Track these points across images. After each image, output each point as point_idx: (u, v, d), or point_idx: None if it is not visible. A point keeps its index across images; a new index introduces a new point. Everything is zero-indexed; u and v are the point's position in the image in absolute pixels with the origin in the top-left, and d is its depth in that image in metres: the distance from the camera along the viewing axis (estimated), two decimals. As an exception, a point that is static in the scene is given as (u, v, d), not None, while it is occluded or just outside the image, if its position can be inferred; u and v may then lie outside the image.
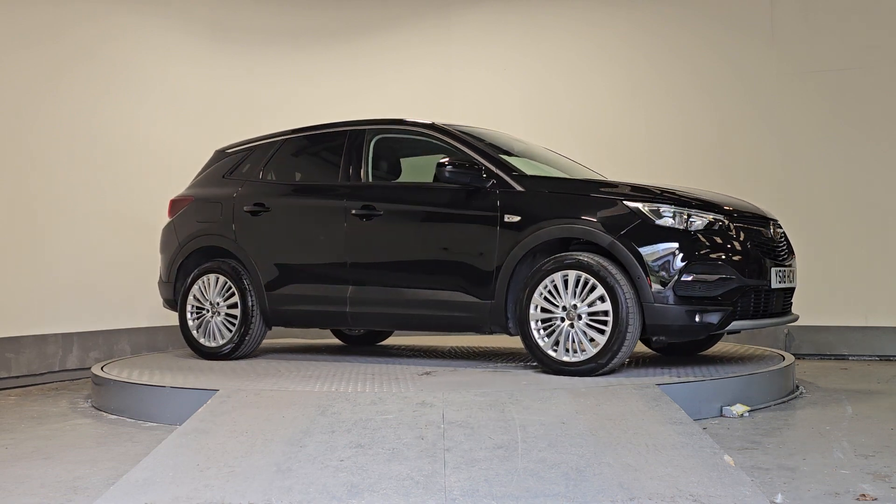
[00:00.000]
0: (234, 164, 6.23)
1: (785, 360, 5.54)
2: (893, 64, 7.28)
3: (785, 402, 5.07)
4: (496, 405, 3.99)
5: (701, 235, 4.73)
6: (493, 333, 5.24)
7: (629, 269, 4.68)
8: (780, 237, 5.28)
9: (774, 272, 5.01)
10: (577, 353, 4.76)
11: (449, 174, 5.08)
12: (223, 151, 6.42)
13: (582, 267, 4.74)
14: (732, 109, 7.75)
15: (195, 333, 5.97)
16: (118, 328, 7.30)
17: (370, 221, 5.45)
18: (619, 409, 3.97)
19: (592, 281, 4.71)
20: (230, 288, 5.87)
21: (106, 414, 5.12)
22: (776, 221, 5.37)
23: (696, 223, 4.75)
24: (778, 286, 5.05)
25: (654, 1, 8.05)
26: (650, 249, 4.66)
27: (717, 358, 5.65)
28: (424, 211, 5.34)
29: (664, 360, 5.55)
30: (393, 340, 7.22)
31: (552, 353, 4.83)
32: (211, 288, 5.93)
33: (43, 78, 6.88)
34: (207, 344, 5.93)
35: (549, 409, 3.93)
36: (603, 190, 4.97)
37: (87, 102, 7.18)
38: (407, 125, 5.74)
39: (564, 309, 4.80)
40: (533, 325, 4.88)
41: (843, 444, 3.96)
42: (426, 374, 5.02)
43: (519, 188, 5.07)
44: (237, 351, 5.85)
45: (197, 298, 5.97)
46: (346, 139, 5.78)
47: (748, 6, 7.74)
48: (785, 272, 5.13)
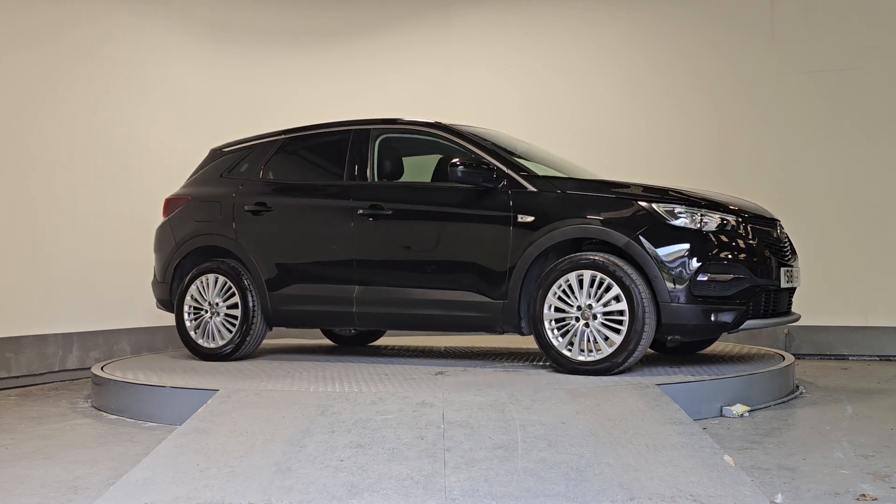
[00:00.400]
0: (231, 162, 6.19)
1: (785, 360, 5.54)
2: (893, 64, 7.28)
3: (785, 402, 5.07)
4: (496, 405, 3.99)
5: (715, 236, 4.79)
6: (504, 333, 5.26)
7: (646, 268, 4.72)
8: (784, 237, 5.34)
9: (783, 272, 5.07)
10: (591, 352, 4.80)
11: (461, 174, 5.10)
12: (219, 150, 6.37)
13: (597, 267, 4.78)
14: (732, 109, 7.75)
15: (193, 334, 5.92)
16: (118, 328, 7.30)
17: (378, 221, 5.44)
18: (619, 409, 3.97)
19: (608, 281, 4.75)
20: (230, 288, 5.82)
21: (106, 414, 5.12)
22: (779, 222, 5.42)
23: (709, 223, 4.81)
24: (786, 286, 5.12)
25: (654, 1, 8.05)
26: (666, 249, 4.72)
27: (717, 358, 5.65)
28: (434, 211, 5.34)
29: (664, 359, 5.55)
30: (385, 341, 7.19)
31: (567, 352, 4.86)
32: (210, 288, 5.88)
33: (43, 78, 6.88)
34: (206, 345, 5.88)
35: (549, 409, 3.93)
36: (616, 190, 5.00)
37: (87, 102, 7.18)
38: (415, 125, 5.73)
39: (579, 308, 4.83)
40: (547, 324, 4.90)
41: (843, 444, 3.96)
42: (439, 373, 5.02)
43: (531, 188, 5.10)
44: (238, 351, 5.81)
45: (195, 299, 5.92)
46: (349, 138, 5.76)
47: (748, 6, 7.74)
48: (791, 272, 5.20)
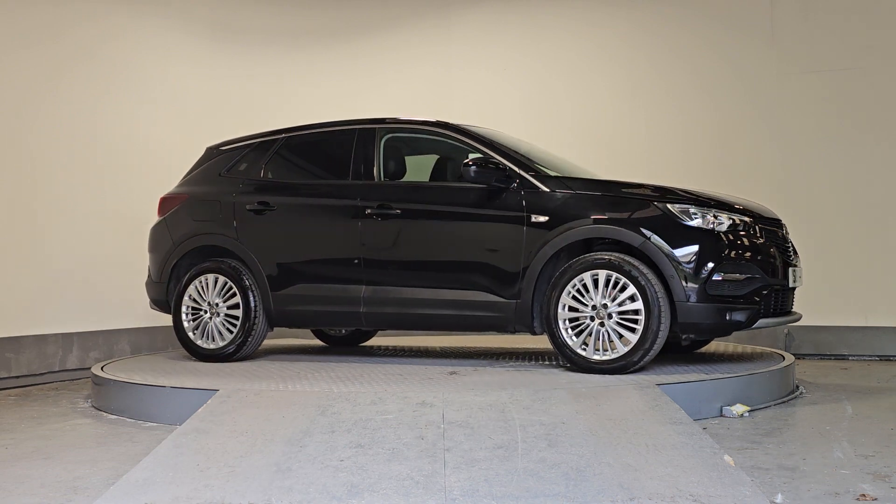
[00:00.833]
0: (230, 161, 6.11)
1: (785, 360, 5.55)
2: (893, 64, 7.28)
3: (785, 402, 5.07)
4: (496, 405, 3.99)
5: (728, 236, 4.85)
6: (515, 332, 5.28)
7: (662, 268, 4.77)
8: (788, 237, 5.41)
9: (790, 271, 5.15)
10: (607, 351, 4.84)
11: (474, 174, 5.12)
12: (216, 149, 6.29)
13: (613, 266, 4.82)
14: (732, 109, 7.75)
15: (192, 335, 5.84)
16: (118, 328, 7.30)
17: (386, 221, 5.42)
18: (619, 409, 3.97)
19: (623, 280, 4.79)
20: (230, 288, 5.76)
21: (106, 414, 5.12)
22: (782, 222, 5.47)
23: (722, 224, 4.87)
24: (792, 285, 5.20)
25: (654, 1, 8.04)
26: (682, 249, 4.77)
27: (717, 358, 5.65)
28: (445, 211, 5.34)
29: (664, 359, 5.55)
30: (376, 341, 7.17)
31: (582, 351, 4.90)
32: (209, 288, 5.81)
33: (43, 78, 6.88)
34: (205, 346, 5.81)
35: (549, 409, 3.93)
36: (629, 191, 5.04)
37: (87, 102, 7.18)
38: (423, 125, 5.73)
39: (594, 308, 4.86)
40: (561, 324, 4.93)
41: (843, 444, 3.96)
42: (452, 373, 5.02)
43: (544, 188, 5.12)
44: (239, 352, 5.76)
45: (193, 299, 5.85)
46: (354, 137, 5.73)
47: (748, 6, 7.74)
48: (796, 272, 5.27)
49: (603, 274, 4.84)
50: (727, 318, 4.78)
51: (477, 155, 5.34)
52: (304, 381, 4.85)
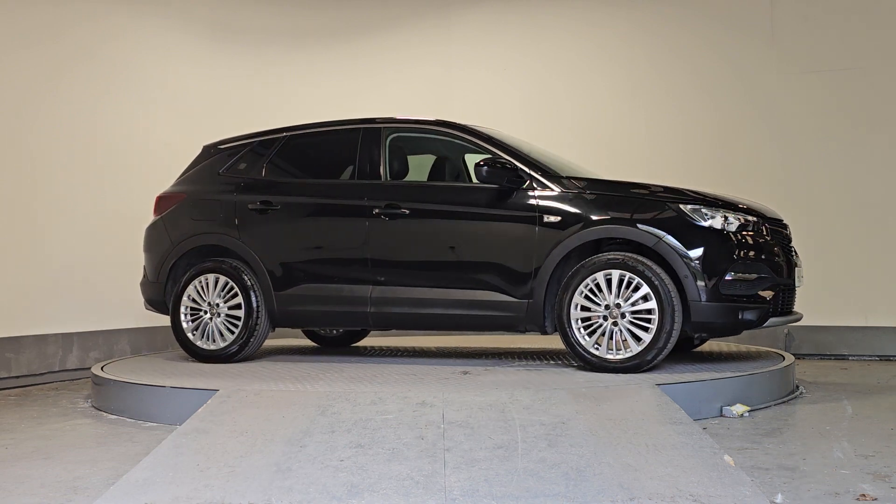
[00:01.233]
0: (229, 160, 6.05)
1: (785, 360, 5.55)
2: (893, 64, 7.28)
3: (785, 402, 5.07)
4: (496, 405, 3.99)
5: (739, 236, 4.91)
6: (526, 332, 5.32)
7: (676, 268, 4.82)
8: (791, 237, 5.46)
9: (795, 271, 5.23)
10: (620, 350, 4.87)
11: (486, 174, 5.14)
12: (214, 147, 6.22)
13: (626, 266, 4.85)
14: (732, 109, 7.75)
15: (191, 336, 5.78)
16: (118, 328, 7.29)
17: (394, 221, 5.40)
18: (619, 409, 3.97)
19: (637, 280, 4.83)
20: (232, 288, 5.71)
21: (106, 414, 5.12)
22: (785, 222, 5.51)
23: (733, 224, 4.92)
24: (797, 285, 5.28)
25: (654, 1, 8.04)
26: (695, 249, 4.83)
27: (717, 358, 5.65)
28: (455, 211, 5.34)
29: (664, 359, 5.54)
30: (368, 341, 7.16)
31: (595, 351, 4.93)
32: (210, 288, 5.76)
33: (43, 78, 6.88)
34: (206, 346, 5.74)
35: (549, 409, 3.93)
36: (640, 191, 5.09)
37: (87, 102, 7.18)
38: (430, 124, 5.72)
39: (607, 308, 4.90)
40: (574, 324, 4.96)
41: (843, 444, 3.96)
42: (465, 373, 5.03)
43: (556, 189, 5.15)
44: (242, 352, 5.70)
45: (193, 299, 5.79)
46: (359, 137, 5.71)
47: (748, 6, 7.74)
48: (799, 271, 5.33)
49: (616, 274, 4.88)
50: (740, 317, 4.84)
51: (486, 155, 5.34)
52: (304, 381, 4.85)
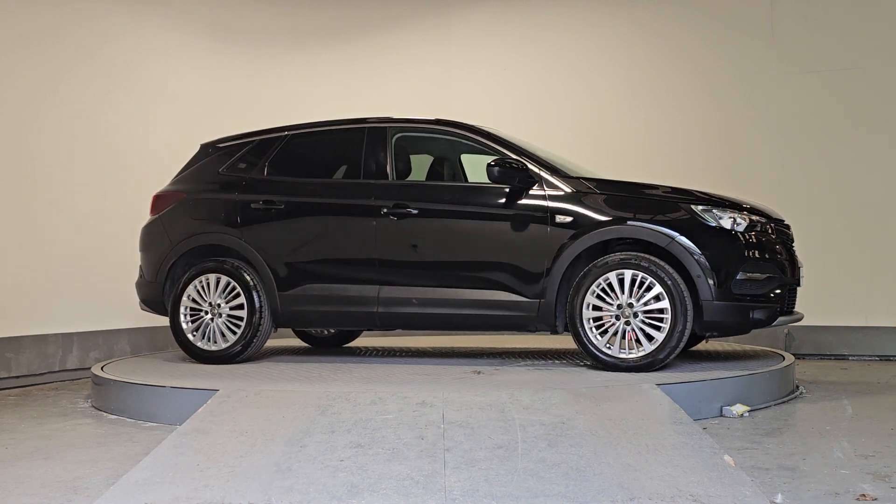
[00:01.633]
0: (228, 159, 5.98)
1: (785, 360, 5.55)
2: (893, 64, 7.28)
3: (785, 402, 5.08)
4: (496, 405, 3.99)
5: (748, 236, 4.97)
6: (537, 332, 5.35)
7: (689, 268, 4.88)
8: (793, 238, 5.50)
9: (799, 270, 5.28)
10: (633, 350, 4.91)
11: (498, 174, 5.16)
12: (213, 146, 6.15)
13: (639, 266, 4.90)
14: (732, 109, 7.75)
15: (192, 337, 5.71)
16: (118, 328, 7.29)
17: (403, 221, 5.39)
18: (619, 409, 3.97)
19: (650, 280, 4.88)
20: (234, 288, 5.65)
21: (106, 414, 5.12)
22: (786, 222, 5.53)
23: (741, 224, 4.98)
24: (800, 284, 5.32)
25: (654, 1, 8.04)
26: (708, 249, 4.89)
27: (717, 358, 5.65)
28: (465, 211, 5.35)
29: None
30: (360, 342, 7.16)
31: (608, 350, 4.97)
32: (211, 288, 5.69)
33: (43, 78, 6.87)
34: (207, 347, 5.68)
35: (549, 409, 3.93)
36: (651, 192, 5.14)
37: (87, 102, 7.18)
38: (436, 124, 5.72)
39: (619, 307, 4.93)
40: (586, 323, 5.00)
41: (843, 444, 3.96)
42: (478, 373, 5.03)
43: (567, 189, 5.19)
44: (245, 352, 5.65)
45: (193, 300, 5.72)
46: (364, 136, 5.69)
47: (748, 6, 7.74)
48: (801, 271, 5.37)
49: (629, 273, 4.92)
50: (751, 316, 4.90)
51: (495, 156, 5.34)
52: (304, 381, 4.85)
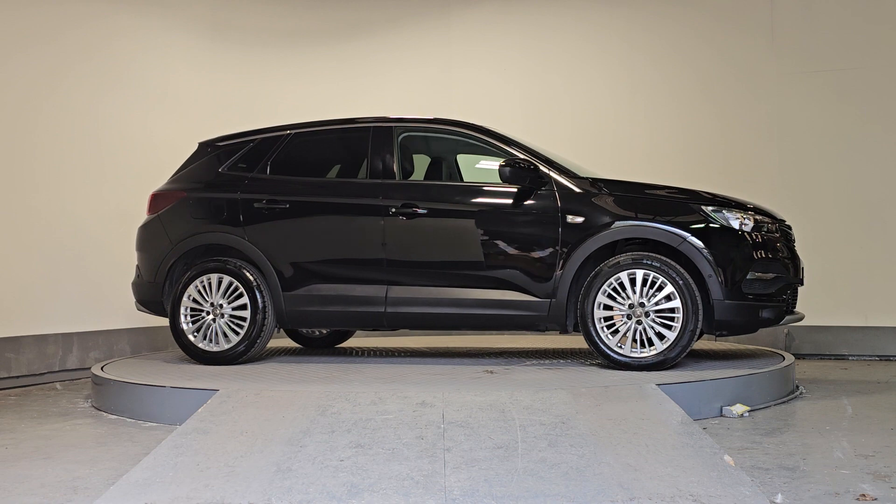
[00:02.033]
0: (229, 157, 5.94)
1: (785, 360, 5.55)
2: (893, 64, 7.28)
3: (785, 402, 5.08)
4: (496, 405, 3.99)
5: (757, 236, 5.04)
6: (546, 331, 5.41)
7: (700, 267, 4.94)
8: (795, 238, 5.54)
9: (801, 270, 5.34)
10: (644, 349, 4.96)
11: (510, 174, 5.18)
12: (212, 144, 6.09)
13: (651, 266, 4.95)
14: (732, 109, 7.75)
15: (192, 338, 5.64)
16: (118, 328, 7.29)
17: (412, 220, 5.39)
18: (619, 409, 3.97)
19: (661, 280, 4.93)
20: (237, 288, 5.59)
21: (106, 414, 5.12)
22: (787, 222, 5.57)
23: (749, 225, 5.05)
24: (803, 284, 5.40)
25: (654, 1, 8.04)
26: (718, 249, 4.95)
27: (717, 358, 5.66)
28: (474, 210, 5.37)
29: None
30: (353, 342, 7.15)
31: (619, 349, 5.01)
32: (213, 288, 5.64)
33: (43, 78, 6.87)
34: (208, 348, 5.62)
35: (549, 409, 3.93)
36: (661, 192, 5.19)
37: (87, 102, 7.17)
38: (443, 123, 5.71)
39: (630, 307, 4.97)
40: (598, 323, 5.04)
41: (843, 444, 3.96)
42: (490, 372, 5.04)
43: (577, 189, 5.22)
44: (248, 353, 5.59)
45: (194, 300, 5.66)
46: (369, 136, 5.67)
47: (748, 6, 7.74)
48: (804, 270, 5.42)
49: (640, 273, 4.96)
50: (760, 315, 4.97)
51: (504, 156, 5.37)
52: (303, 381, 4.85)
